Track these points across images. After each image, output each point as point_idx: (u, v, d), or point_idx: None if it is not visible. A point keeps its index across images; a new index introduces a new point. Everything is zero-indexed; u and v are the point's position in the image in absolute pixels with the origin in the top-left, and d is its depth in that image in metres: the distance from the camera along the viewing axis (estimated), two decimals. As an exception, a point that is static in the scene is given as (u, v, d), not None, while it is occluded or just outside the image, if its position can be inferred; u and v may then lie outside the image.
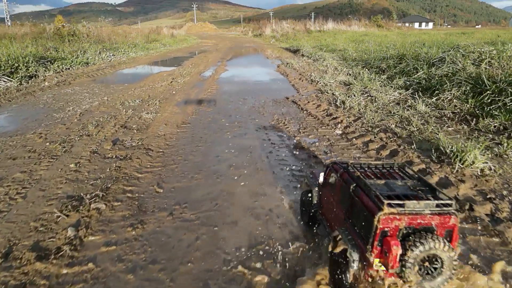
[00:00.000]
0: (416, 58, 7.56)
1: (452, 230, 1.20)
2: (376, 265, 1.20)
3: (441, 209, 1.19)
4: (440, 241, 1.15)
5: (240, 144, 3.24)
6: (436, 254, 1.16)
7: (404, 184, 1.34)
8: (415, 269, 1.16)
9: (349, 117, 4.18)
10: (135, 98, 5.57)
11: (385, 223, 1.16)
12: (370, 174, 1.42)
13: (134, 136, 3.42)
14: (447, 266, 1.17)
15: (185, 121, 4.10)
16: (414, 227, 1.18)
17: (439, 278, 1.18)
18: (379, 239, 1.18)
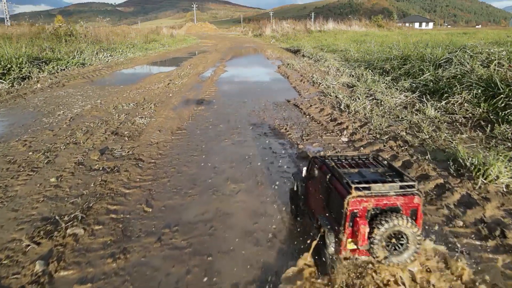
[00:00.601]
0: (421, 59, 7.32)
1: (416, 209, 1.31)
2: (348, 244, 1.32)
3: (405, 190, 1.30)
4: (404, 218, 1.24)
5: (238, 153, 3.00)
6: (401, 231, 1.25)
7: (375, 171, 1.46)
8: (382, 245, 1.26)
9: (355, 122, 3.93)
10: (130, 101, 5.32)
11: (353, 205, 1.27)
12: (345, 165, 1.55)
13: (124, 145, 3.18)
14: (412, 241, 1.27)
15: (181, 127, 3.85)
16: (381, 208, 1.29)
17: (405, 253, 1.29)
18: (350, 220, 1.29)
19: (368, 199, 1.28)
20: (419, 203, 1.31)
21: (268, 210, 2.04)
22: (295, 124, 3.98)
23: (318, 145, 3.21)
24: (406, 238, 1.28)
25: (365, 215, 1.29)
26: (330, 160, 1.57)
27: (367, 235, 1.27)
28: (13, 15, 60.62)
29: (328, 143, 3.26)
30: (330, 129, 3.74)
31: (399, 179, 1.37)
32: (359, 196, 1.28)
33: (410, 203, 1.30)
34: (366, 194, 1.28)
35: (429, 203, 2.05)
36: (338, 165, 1.52)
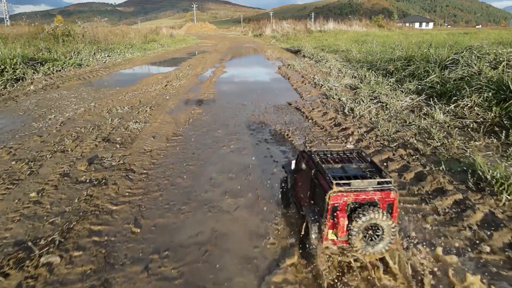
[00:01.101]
0: (426, 60, 7.11)
1: (392, 203, 1.39)
2: (329, 234, 1.41)
3: (382, 186, 1.38)
4: (380, 212, 1.33)
5: (237, 163, 2.79)
6: (377, 223, 1.34)
7: (358, 167, 1.55)
8: (360, 237, 1.35)
9: (360, 127, 3.73)
10: (125, 104, 5.12)
11: (334, 199, 1.36)
12: (330, 160, 1.63)
13: (116, 153, 2.97)
14: (387, 233, 1.36)
15: (177, 133, 3.64)
16: (360, 202, 1.38)
17: (381, 244, 1.37)
18: (331, 213, 1.38)
19: (348, 194, 1.37)
20: (395, 197, 1.40)
21: (270, 230, 1.83)
22: (297, 129, 3.78)
23: (322, 153, 3.00)
24: (381, 230, 1.37)
25: (345, 208, 1.39)
26: (316, 155, 1.65)
27: (346, 227, 1.38)
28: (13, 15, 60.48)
29: (333, 150, 3.05)
30: (335, 135, 3.53)
31: (378, 175, 1.47)
32: (340, 191, 1.37)
33: (386, 197, 1.39)
34: (346, 190, 1.37)
35: (448, 223, 1.84)
36: (323, 160, 1.62)
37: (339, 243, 1.44)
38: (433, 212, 1.94)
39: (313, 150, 1.71)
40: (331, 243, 1.44)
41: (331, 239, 1.43)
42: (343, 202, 1.37)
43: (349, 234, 1.37)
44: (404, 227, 1.78)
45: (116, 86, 7.02)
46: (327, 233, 1.42)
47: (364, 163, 1.59)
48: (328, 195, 1.36)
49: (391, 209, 1.41)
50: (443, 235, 1.71)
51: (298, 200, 1.78)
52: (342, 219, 1.37)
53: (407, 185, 2.27)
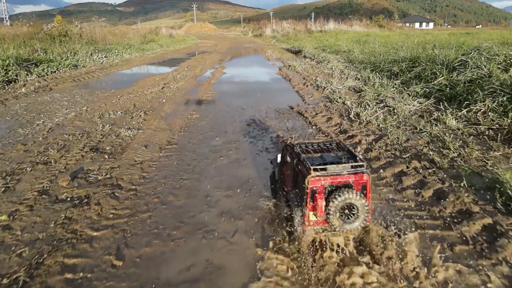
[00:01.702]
0: (432, 61, 6.86)
1: (365, 184, 1.53)
2: (310, 216, 1.55)
3: (355, 170, 1.52)
4: (353, 192, 1.46)
5: (236, 176, 2.54)
6: (352, 203, 1.48)
7: (335, 155, 1.68)
8: (337, 216, 1.50)
9: (368, 135, 3.48)
10: (118, 108, 4.87)
11: (313, 183, 1.50)
12: (311, 151, 1.74)
13: (103, 165, 2.72)
14: (361, 211, 1.49)
15: (171, 141, 3.39)
16: (336, 185, 1.52)
17: (356, 222, 1.51)
18: (310, 196, 1.52)
19: (325, 178, 1.50)
20: (368, 179, 1.53)
21: (274, 261, 1.58)
22: (301, 137, 3.53)
23: (328, 164, 2.75)
24: (356, 209, 1.49)
25: (323, 191, 1.51)
26: (298, 147, 1.78)
27: (324, 208, 1.50)
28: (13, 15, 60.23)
29: (340, 162, 2.80)
30: (341, 143, 3.28)
31: (352, 160, 1.59)
32: (317, 175, 1.49)
33: (360, 180, 1.52)
34: (323, 174, 1.50)
35: (480, 254, 1.59)
36: (304, 151, 1.73)
37: (320, 224, 1.57)
38: (460, 241, 1.69)
39: (296, 143, 1.84)
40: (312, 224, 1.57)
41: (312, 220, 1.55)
42: (321, 185, 1.51)
43: (327, 214, 1.50)
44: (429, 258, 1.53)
45: (111, 88, 6.78)
46: (309, 215, 1.55)
47: (342, 151, 1.73)
48: (307, 180, 1.50)
49: (364, 190, 1.54)
50: (476, 270, 1.46)
51: (284, 190, 1.89)
52: (320, 200, 1.50)
53: (427, 206, 2.02)
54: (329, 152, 1.72)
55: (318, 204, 1.50)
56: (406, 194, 2.16)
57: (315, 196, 1.50)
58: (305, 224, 1.56)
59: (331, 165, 1.52)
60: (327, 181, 1.50)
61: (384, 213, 1.94)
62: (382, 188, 2.29)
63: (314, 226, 1.57)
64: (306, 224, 1.56)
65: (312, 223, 1.56)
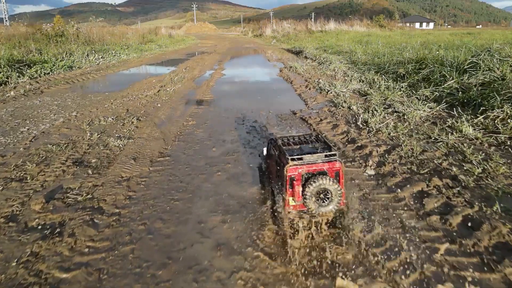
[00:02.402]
0: (440, 63, 6.57)
1: (338, 171, 1.72)
2: (290, 201, 1.73)
3: (329, 158, 1.72)
4: (327, 178, 1.64)
5: (235, 196, 2.25)
6: (326, 188, 1.65)
7: (313, 146, 1.90)
8: (313, 200, 1.67)
9: (379, 145, 3.18)
10: (110, 113, 4.58)
11: (291, 171, 1.69)
12: (292, 143, 1.96)
13: (85, 182, 2.43)
14: (334, 195, 1.67)
15: (164, 152, 3.10)
16: (312, 172, 1.70)
17: (330, 205, 1.68)
18: (289, 183, 1.70)
19: (301, 166, 1.68)
20: (340, 167, 1.71)
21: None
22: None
23: (338, 181, 2.46)
24: (330, 193, 1.65)
25: (300, 178, 1.68)
26: (280, 140, 1.94)
27: (301, 193, 1.68)
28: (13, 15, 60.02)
29: (350, 177, 2.50)
30: (350, 155, 2.99)
31: (327, 150, 1.79)
32: (295, 164, 1.67)
33: (333, 167, 1.70)
34: (300, 163, 1.68)
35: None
36: (286, 144, 1.91)
37: (299, 207, 1.74)
38: (504, 285, 1.40)
39: (278, 136, 2.00)
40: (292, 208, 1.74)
41: (292, 204, 1.72)
42: (298, 173, 1.67)
43: (304, 198, 1.66)
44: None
45: (105, 91, 6.49)
46: (288, 200, 1.72)
47: (319, 143, 1.92)
48: (285, 168, 1.67)
49: (338, 176, 1.71)
50: None
51: (270, 180, 2.06)
52: (297, 187, 1.68)
53: (457, 237, 1.72)
54: (308, 144, 1.94)
55: (295, 190, 1.69)
56: (430, 221, 1.87)
57: (293, 183, 1.69)
58: (285, 208, 1.76)
59: (307, 155, 1.71)
60: (304, 169, 1.69)
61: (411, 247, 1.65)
62: (402, 212, 2.00)
63: (294, 210, 1.77)
64: (287, 208, 1.75)
65: (292, 207, 1.75)
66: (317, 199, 1.67)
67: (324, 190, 1.65)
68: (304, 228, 1.79)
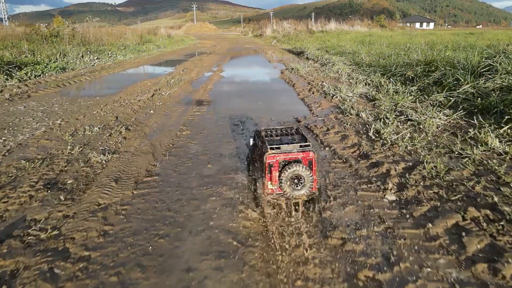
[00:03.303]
0: (453, 65, 6.19)
1: (311, 160, 1.97)
2: (268, 185, 2.00)
3: (303, 149, 1.96)
4: (301, 166, 1.88)
5: (232, 232, 1.87)
6: (299, 174, 1.88)
7: (292, 138, 2.14)
8: (288, 184, 1.91)
9: (397, 162, 2.80)
10: (98, 122, 4.20)
11: (269, 159, 1.93)
12: (274, 135, 2.20)
13: (54, 212, 2.04)
14: (306, 181, 1.91)
15: (152, 170, 2.72)
16: (288, 160, 1.94)
17: (303, 189, 1.93)
18: (268, 170, 1.96)
19: (279, 155, 1.94)
20: (313, 157, 1.97)
21: None
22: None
23: (354, 210, 2.07)
24: (303, 179, 1.91)
25: (277, 165, 1.94)
26: (264, 132, 2.24)
27: (278, 178, 1.93)
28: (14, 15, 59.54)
29: (368, 206, 2.12)
30: (364, 174, 2.60)
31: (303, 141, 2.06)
32: (273, 153, 1.94)
33: (307, 156, 1.97)
34: (277, 152, 1.95)
35: None
36: (268, 135, 2.21)
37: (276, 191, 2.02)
38: None
39: (262, 129, 2.24)
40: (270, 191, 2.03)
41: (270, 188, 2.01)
42: (276, 161, 1.94)
43: (280, 183, 1.92)
44: None
45: (96, 95, 6.11)
46: (267, 184, 2.01)
47: (298, 135, 2.17)
48: (265, 156, 1.95)
49: (311, 164, 1.98)
50: None
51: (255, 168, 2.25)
52: (274, 172, 1.95)
53: None
54: (288, 136, 2.17)
55: (273, 175, 1.92)
56: (476, 272, 1.49)
57: (271, 169, 1.91)
58: (264, 191, 2.00)
59: (284, 145, 1.94)
60: (281, 157, 1.91)
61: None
62: (438, 256, 1.61)
63: (272, 193, 2.00)
64: (265, 191, 2.00)
65: (270, 190, 1.98)
66: (292, 184, 1.91)
67: (298, 175, 1.90)
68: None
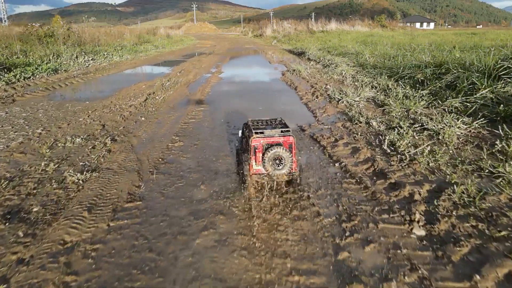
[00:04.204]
0: (465, 68, 5.81)
1: (291, 144, 2.19)
2: (253, 165, 2.21)
3: (284, 134, 2.19)
4: (281, 148, 2.11)
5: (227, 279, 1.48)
6: (280, 155, 2.11)
7: (275, 126, 2.32)
8: (270, 164, 2.12)
9: (419, 182, 2.42)
10: (82, 131, 3.81)
11: (254, 142, 2.16)
12: (260, 125, 2.36)
13: (7, 255, 1.65)
14: (287, 161, 2.13)
15: (134, 194, 2.33)
16: (271, 144, 2.17)
17: (284, 169, 2.14)
18: (253, 152, 2.18)
19: (263, 139, 2.17)
20: (293, 141, 2.20)
21: None
22: (321, 184, 2.46)
23: (374, 250, 1.69)
24: (284, 160, 2.12)
25: (261, 148, 2.17)
26: (251, 122, 2.40)
27: (262, 158, 2.15)
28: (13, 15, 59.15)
29: (392, 244, 1.74)
30: (384, 199, 2.21)
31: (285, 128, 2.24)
32: (258, 137, 2.16)
33: (287, 140, 2.19)
34: (261, 136, 2.17)
35: None
36: (255, 125, 2.36)
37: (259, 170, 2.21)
38: None
39: (250, 120, 2.44)
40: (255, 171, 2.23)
41: (255, 168, 2.21)
42: (260, 144, 2.16)
43: (263, 163, 2.13)
44: None
45: (86, 99, 5.73)
46: (252, 164, 2.21)
47: (280, 124, 2.36)
48: (250, 140, 2.17)
49: (291, 148, 2.19)
50: None
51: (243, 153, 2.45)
52: (258, 154, 2.17)
53: None
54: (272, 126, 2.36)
55: (257, 156, 2.19)
56: None
57: (256, 151, 2.18)
58: (250, 171, 2.24)
59: (267, 130, 2.20)
60: (264, 141, 2.18)
61: None
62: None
63: (256, 173, 2.24)
64: (250, 170, 2.24)
65: (254, 170, 2.23)
66: (273, 164, 2.11)
67: (279, 156, 2.10)
68: None
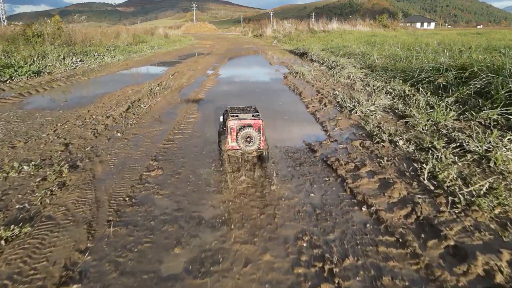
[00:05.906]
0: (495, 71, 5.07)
1: (260, 126, 2.59)
2: (228, 142, 2.60)
3: (254, 117, 2.59)
4: (252, 129, 2.53)
5: None
6: (250, 134, 2.53)
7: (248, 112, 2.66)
8: (242, 141, 2.54)
9: (492, 246, 1.67)
10: (37, 154, 3.06)
11: (230, 123, 2.57)
12: (237, 111, 2.69)
13: None
14: (255, 139, 2.55)
15: (73, 268, 1.56)
16: (243, 126, 2.56)
17: (253, 146, 2.56)
18: (229, 132, 2.58)
19: (238, 121, 2.57)
20: (261, 123, 2.59)
21: None
22: (347, 246, 1.71)
23: None
24: (253, 138, 2.54)
25: (235, 128, 2.56)
26: (229, 109, 2.77)
27: (236, 137, 2.54)
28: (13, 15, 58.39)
29: None
30: (446, 279, 1.46)
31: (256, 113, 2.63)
32: (233, 119, 2.57)
33: (257, 123, 2.58)
34: (236, 119, 2.57)
35: None
36: (233, 111, 2.70)
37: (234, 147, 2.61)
38: None
39: (229, 107, 2.81)
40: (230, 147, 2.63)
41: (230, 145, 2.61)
42: (235, 125, 2.56)
43: (237, 140, 2.54)
44: None
45: (61, 107, 4.98)
46: (228, 141, 2.60)
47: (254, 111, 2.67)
48: (227, 122, 2.57)
49: (260, 129, 2.58)
50: None
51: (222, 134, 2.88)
52: (233, 133, 2.56)
53: None
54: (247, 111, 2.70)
55: (232, 135, 2.57)
56: None
57: (231, 130, 2.56)
58: (225, 147, 2.63)
59: (241, 114, 2.59)
60: (238, 123, 2.56)
61: None
62: None
63: (231, 149, 2.63)
64: (227, 147, 2.62)
65: (230, 146, 2.61)
66: (245, 141, 2.54)
67: (250, 135, 2.53)
68: None
